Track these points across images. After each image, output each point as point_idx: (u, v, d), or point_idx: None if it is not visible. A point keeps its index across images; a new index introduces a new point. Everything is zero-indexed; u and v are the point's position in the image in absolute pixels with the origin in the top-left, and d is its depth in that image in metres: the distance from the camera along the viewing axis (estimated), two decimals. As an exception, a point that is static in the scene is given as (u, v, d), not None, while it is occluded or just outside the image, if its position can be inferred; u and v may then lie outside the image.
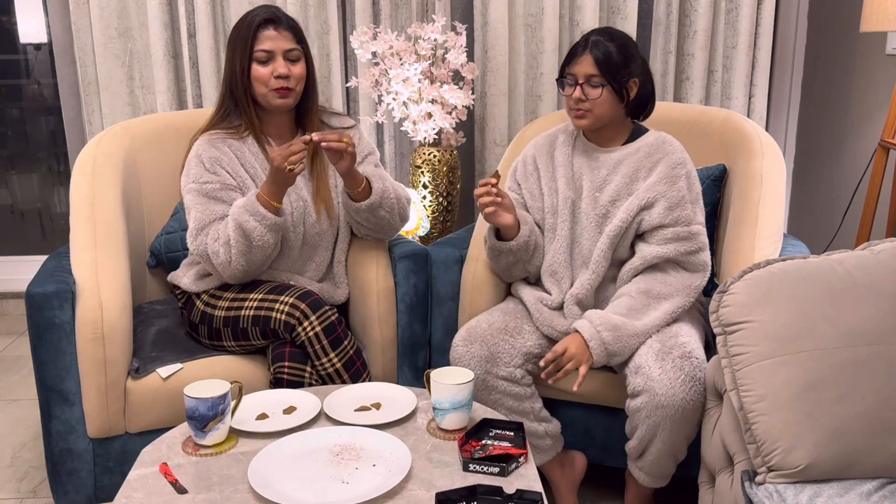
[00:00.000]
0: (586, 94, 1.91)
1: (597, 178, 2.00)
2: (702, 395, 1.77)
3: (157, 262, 2.34)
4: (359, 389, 1.81)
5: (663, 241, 1.92)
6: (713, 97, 3.15)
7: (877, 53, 2.93)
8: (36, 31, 3.46)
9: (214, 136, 2.03)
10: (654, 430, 1.81)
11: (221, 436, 1.57)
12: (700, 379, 1.78)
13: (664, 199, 1.92)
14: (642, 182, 1.95)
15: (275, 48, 1.98)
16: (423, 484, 1.44)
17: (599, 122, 1.95)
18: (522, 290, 2.09)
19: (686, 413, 1.78)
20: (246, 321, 1.95)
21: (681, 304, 1.92)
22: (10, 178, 3.71)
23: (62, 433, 1.95)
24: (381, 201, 2.07)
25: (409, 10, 3.06)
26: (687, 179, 1.95)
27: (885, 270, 1.50)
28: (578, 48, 1.93)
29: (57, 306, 1.90)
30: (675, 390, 1.76)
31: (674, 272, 1.94)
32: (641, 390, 1.80)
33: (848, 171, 3.14)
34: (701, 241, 1.94)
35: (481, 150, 3.17)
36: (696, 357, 1.80)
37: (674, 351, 1.80)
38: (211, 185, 1.98)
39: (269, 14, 1.99)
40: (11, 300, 3.51)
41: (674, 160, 1.95)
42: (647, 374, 1.79)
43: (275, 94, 2.00)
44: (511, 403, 1.94)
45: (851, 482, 1.40)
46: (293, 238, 2.07)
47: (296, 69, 2.01)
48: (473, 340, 1.94)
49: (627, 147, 2.00)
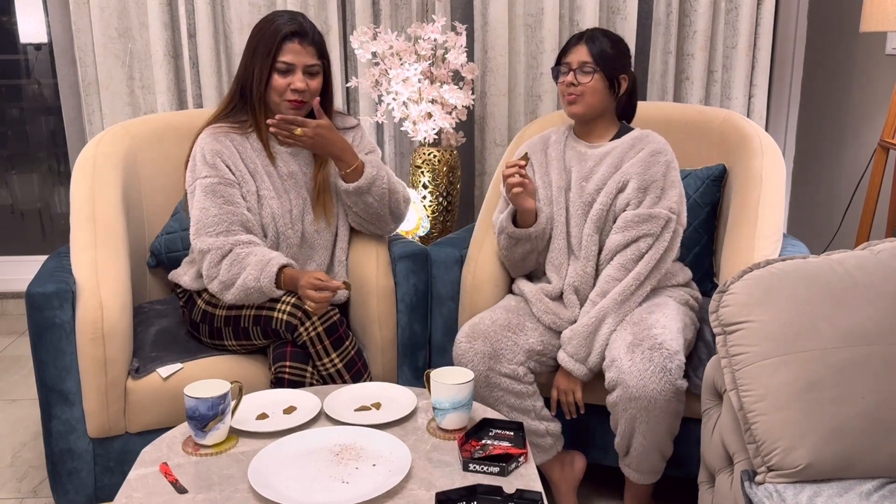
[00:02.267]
0: (578, 79, 2.00)
1: (584, 168, 2.07)
2: (673, 385, 1.78)
3: (158, 262, 2.34)
4: (359, 389, 1.81)
5: (622, 228, 1.97)
6: (713, 97, 3.15)
7: (877, 53, 2.93)
8: (36, 31, 3.46)
9: (218, 130, 2.04)
10: (633, 424, 1.84)
11: (221, 436, 1.57)
12: (671, 370, 1.78)
13: (636, 179, 1.98)
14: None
15: (297, 62, 1.98)
16: (423, 484, 1.44)
17: (590, 109, 2.03)
18: (524, 284, 2.12)
19: (660, 404, 1.79)
20: (247, 321, 1.95)
21: (634, 283, 1.94)
22: (10, 178, 3.72)
23: (62, 433, 1.95)
24: (369, 187, 2.08)
25: (409, 10, 3.06)
26: (664, 167, 2.00)
27: (885, 270, 1.51)
28: (573, 40, 2.05)
29: (57, 306, 1.90)
30: (644, 382, 1.78)
31: (633, 253, 1.96)
32: (616, 384, 1.83)
33: (848, 171, 3.14)
34: (665, 224, 1.97)
35: (481, 150, 3.17)
36: (667, 348, 1.80)
37: (644, 343, 1.82)
38: (210, 180, 1.98)
39: (297, 27, 1.98)
40: (11, 300, 3.51)
41: (653, 148, 2.02)
42: (619, 367, 1.83)
43: (288, 106, 2.01)
44: (513, 401, 1.95)
45: (851, 482, 1.40)
46: (292, 235, 2.07)
47: (313, 83, 2.02)
48: (476, 337, 1.95)
49: (614, 142, 2.07)
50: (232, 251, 1.94)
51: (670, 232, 1.98)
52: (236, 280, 1.93)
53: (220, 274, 1.94)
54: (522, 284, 2.12)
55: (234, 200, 1.98)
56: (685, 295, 2.06)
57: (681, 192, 2.02)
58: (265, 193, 2.03)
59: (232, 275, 1.93)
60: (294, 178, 2.09)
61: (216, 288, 1.96)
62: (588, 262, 2.02)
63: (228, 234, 1.95)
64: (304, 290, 1.88)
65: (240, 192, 2.00)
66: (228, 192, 1.98)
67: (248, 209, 2.01)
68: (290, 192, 2.06)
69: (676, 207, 1.99)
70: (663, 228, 1.97)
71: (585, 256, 2.02)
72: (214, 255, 1.94)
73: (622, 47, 2.05)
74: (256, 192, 2.03)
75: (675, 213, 1.98)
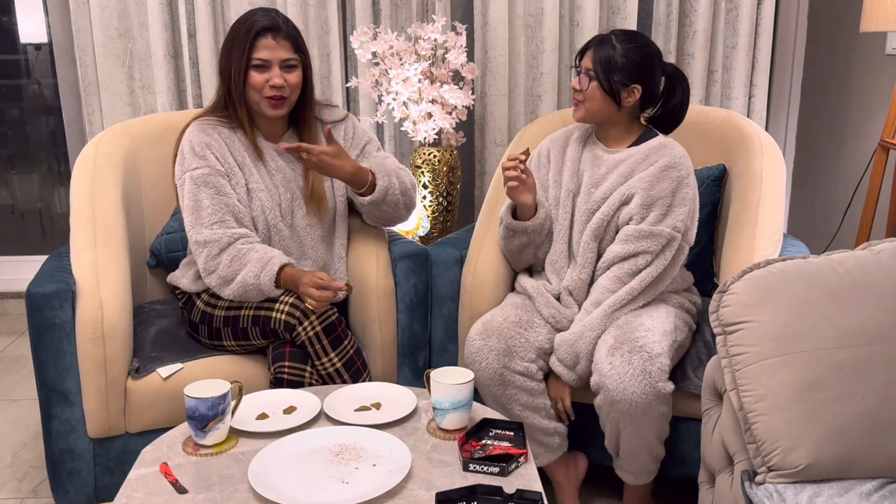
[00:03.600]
0: (581, 83, 1.98)
1: (596, 174, 2.04)
2: (654, 387, 1.77)
3: (158, 262, 2.34)
4: (359, 389, 1.81)
5: (623, 240, 1.96)
6: (713, 97, 3.15)
7: (877, 53, 2.93)
8: (36, 31, 3.46)
9: (206, 123, 2.04)
10: (617, 427, 1.84)
11: (221, 436, 1.57)
12: (651, 373, 1.77)
13: (641, 194, 1.95)
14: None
15: (272, 57, 1.97)
16: (423, 484, 1.44)
17: (590, 115, 2.00)
18: (525, 280, 2.13)
19: (641, 407, 1.78)
20: (246, 321, 1.95)
21: (627, 297, 1.93)
22: (11, 178, 3.71)
23: (62, 433, 1.95)
24: (383, 198, 2.09)
25: (409, 10, 3.06)
26: (674, 183, 1.95)
27: (885, 270, 1.50)
28: (592, 40, 2.00)
29: (57, 306, 1.90)
30: (624, 385, 1.77)
31: (630, 267, 1.95)
32: (598, 387, 1.84)
33: (848, 171, 3.14)
34: (667, 243, 1.93)
35: (481, 150, 3.17)
36: (647, 351, 1.79)
37: (625, 346, 1.82)
38: (201, 171, 1.98)
39: (269, 22, 1.97)
40: (11, 300, 3.51)
41: (666, 162, 1.96)
42: (600, 371, 1.83)
43: (267, 104, 2.00)
44: (525, 399, 1.95)
45: (851, 482, 1.40)
46: (283, 228, 2.07)
47: (291, 78, 2.00)
48: (491, 334, 1.95)
49: (631, 149, 2.03)
50: (232, 245, 1.94)
51: (672, 251, 1.94)
52: (236, 276, 1.93)
53: (220, 268, 1.94)
54: (524, 281, 2.13)
55: (226, 191, 1.98)
56: (681, 299, 2.05)
57: (692, 210, 1.97)
58: (254, 186, 2.03)
59: (232, 270, 1.93)
60: (283, 172, 2.08)
61: (214, 282, 1.96)
62: (584, 269, 2.01)
63: (223, 226, 1.95)
64: (305, 288, 1.88)
65: (229, 184, 2.00)
66: (219, 183, 1.98)
67: (239, 201, 2.01)
68: (279, 187, 2.06)
69: (682, 226, 1.94)
70: (665, 247, 1.93)
71: (582, 263, 2.02)
72: (213, 248, 1.94)
73: (638, 56, 1.94)
74: (246, 184, 2.03)
75: (679, 232, 1.94)
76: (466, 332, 2.14)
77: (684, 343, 1.97)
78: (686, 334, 1.98)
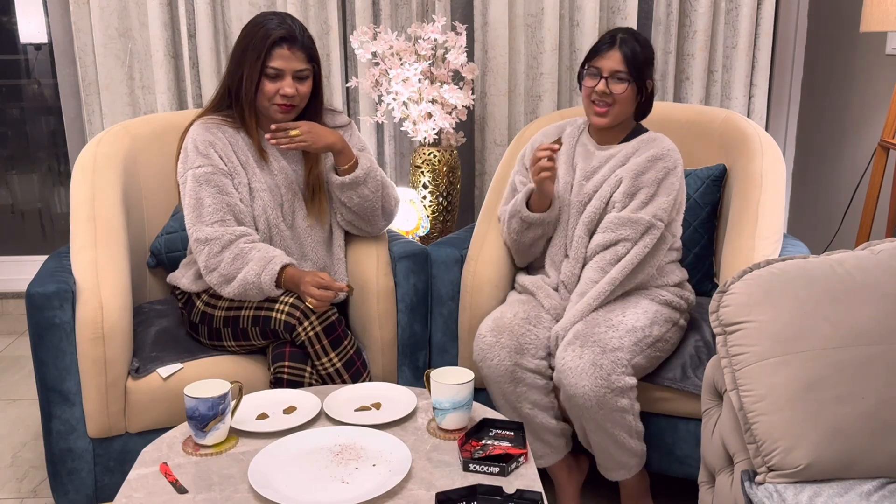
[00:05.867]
0: (611, 88, 1.94)
1: (587, 168, 2.06)
2: (606, 381, 1.77)
3: (158, 262, 2.34)
4: (359, 389, 1.81)
5: (603, 229, 1.96)
6: (713, 97, 3.15)
7: (877, 53, 2.93)
8: (36, 31, 3.46)
9: (210, 122, 2.04)
10: (580, 422, 1.85)
11: (221, 436, 1.57)
12: (603, 365, 1.77)
13: (626, 182, 1.96)
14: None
15: (286, 67, 1.97)
16: (423, 484, 1.44)
17: (618, 119, 1.99)
18: (524, 278, 2.14)
19: (595, 401, 1.78)
20: (246, 321, 1.95)
21: (609, 286, 1.93)
22: (10, 178, 3.71)
23: (62, 433, 1.95)
24: (365, 177, 2.08)
25: (409, 10, 3.06)
26: (661, 173, 1.96)
27: (885, 270, 1.50)
28: (604, 44, 1.97)
29: (57, 306, 1.90)
30: (576, 379, 1.78)
31: (611, 256, 1.95)
32: (557, 382, 1.85)
33: (848, 171, 3.14)
34: (647, 230, 1.93)
35: (481, 150, 3.17)
36: (601, 345, 1.80)
37: (579, 340, 1.83)
38: (203, 169, 1.98)
39: (286, 32, 1.97)
40: (11, 300, 3.51)
41: (653, 154, 1.98)
42: (557, 366, 1.85)
43: (277, 109, 2.00)
44: (536, 397, 1.95)
45: (851, 482, 1.40)
46: (284, 229, 2.07)
47: (303, 88, 2.01)
48: (502, 331, 1.94)
49: (622, 144, 2.05)
50: (234, 243, 1.94)
51: (652, 238, 1.94)
52: (237, 274, 1.93)
53: (221, 266, 1.94)
54: (523, 279, 2.14)
55: (228, 190, 1.98)
56: (669, 295, 2.03)
57: (677, 202, 1.98)
58: (256, 186, 2.03)
59: (234, 269, 1.93)
60: (285, 172, 2.08)
61: (215, 279, 1.96)
62: (577, 263, 2.03)
63: (224, 224, 1.95)
64: (307, 287, 1.88)
65: (232, 184, 2.00)
66: (222, 182, 1.98)
67: (241, 200, 2.01)
68: (281, 187, 2.07)
69: (664, 215, 1.95)
70: (644, 234, 1.93)
71: (575, 257, 2.03)
72: (214, 245, 1.94)
73: (649, 52, 1.99)
74: (248, 184, 2.03)
75: (660, 220, 1.94)
76: (467, 331, 2.15)
77: (666, 338, 1.95)
78: (668, 329, 1.96)
